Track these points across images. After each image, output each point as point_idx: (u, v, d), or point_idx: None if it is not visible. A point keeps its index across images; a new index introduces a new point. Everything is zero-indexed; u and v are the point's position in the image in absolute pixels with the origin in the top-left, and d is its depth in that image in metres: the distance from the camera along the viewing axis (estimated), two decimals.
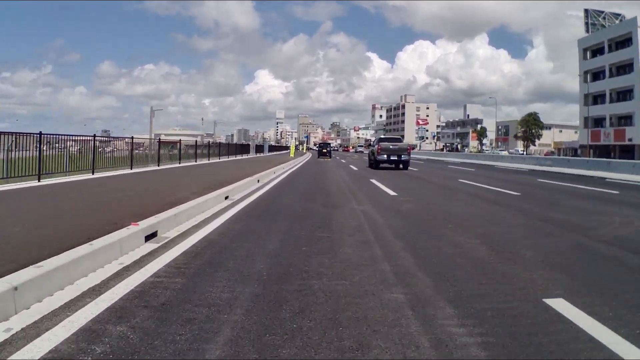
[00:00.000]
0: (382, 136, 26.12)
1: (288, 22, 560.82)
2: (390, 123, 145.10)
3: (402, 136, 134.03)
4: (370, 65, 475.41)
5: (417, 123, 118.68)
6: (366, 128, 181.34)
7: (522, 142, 70.19)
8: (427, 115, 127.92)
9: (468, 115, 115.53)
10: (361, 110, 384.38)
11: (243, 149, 41.77)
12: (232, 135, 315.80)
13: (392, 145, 19.52)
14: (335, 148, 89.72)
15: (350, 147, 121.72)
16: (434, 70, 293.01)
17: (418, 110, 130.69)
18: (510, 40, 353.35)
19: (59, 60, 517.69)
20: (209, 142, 30.00)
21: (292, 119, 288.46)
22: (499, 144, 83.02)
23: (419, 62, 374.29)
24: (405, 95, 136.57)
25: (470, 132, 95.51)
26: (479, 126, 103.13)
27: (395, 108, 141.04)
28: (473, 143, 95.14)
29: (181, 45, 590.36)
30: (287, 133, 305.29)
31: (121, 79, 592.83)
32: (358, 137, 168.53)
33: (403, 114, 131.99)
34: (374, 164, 19.99)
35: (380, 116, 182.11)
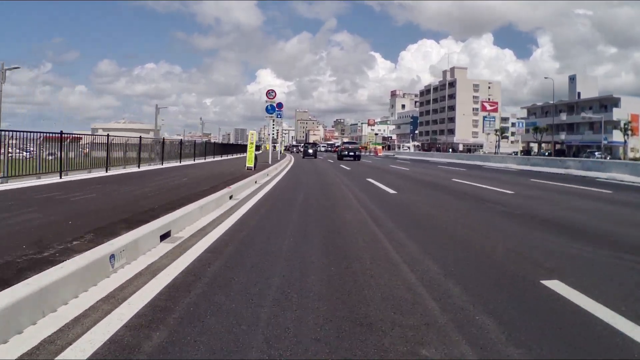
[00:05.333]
0: (344, 141, 59.37)
1: (291, 20, 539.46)
2: (428, 112, 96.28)
3: (451, 130, 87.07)
4: (373, 64, 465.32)
5: (483, 108, 68.55)
6: (384, 122, 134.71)
7: None
8: (490, 96, 79.68)
9: (579, 93, 66.32)
10: (364, 110, 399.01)
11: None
12: (229, 134, 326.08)
13: (350, 146, 38.87)
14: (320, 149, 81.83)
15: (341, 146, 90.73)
16: (438, 71, 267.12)
17: (476, 91, 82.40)
18: (516, 39, 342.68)
19: (58, 59, 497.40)
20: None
21: (292, 119, 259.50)
22: None
23: (422, 62, 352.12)
24: (453, 69, 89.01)
25: (623, 123, 47.06)
26: (615, 112, 54.14)
27: (435, 89, 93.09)
28: (635, 142, 46.70)
29: (182, 43, 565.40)
30: (284, 131, 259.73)
31: (121, 77, 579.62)
32: (376, 134, 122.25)
33: (451, 96, 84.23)
34: (340, 157, 37.21)
35: (403, 106, 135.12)
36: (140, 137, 18.34)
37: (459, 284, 3.41)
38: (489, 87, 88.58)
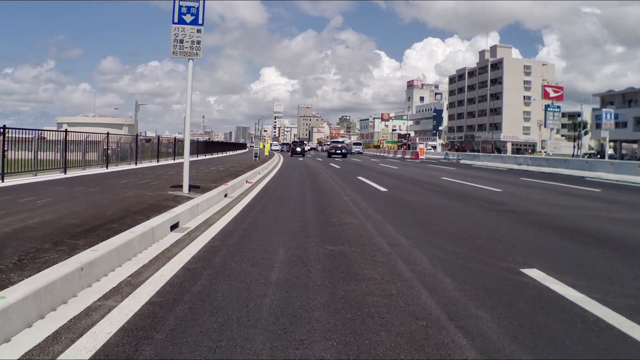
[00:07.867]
0: (333, 140, 58.41)
1: (296, 18, 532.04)
2: (461, 103, 78.57)
3: (496, 125, 69.83)
4: (378, 62, 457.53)
5: (546, 95, 49.62)
6: (400, 117, 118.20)
7: None
8: (544, 81, 62.66)
9: None
10: (368, 109, 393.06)
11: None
12: (231, 133, 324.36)
13: (338, 144, 43.45)
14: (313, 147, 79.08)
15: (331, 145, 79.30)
16: (443, 69, 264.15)
17: (527, 74, 64.86)
18: (523, 37, 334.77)
19: (61, 56, 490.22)
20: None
21: (295, 117, 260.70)
22: None
23: (428, 60, 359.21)
24: (495, 48, 71.70)
25: None
26: None
27: (471, 73, 75.51)
28: None
29: None
30: (286, 129, 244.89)
31: (124, 75, 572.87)
32: (393, 130, 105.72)
33: (495, 81, 66.42)
34: (328, 155, 42.38)
35: (422, 99, 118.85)
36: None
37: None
38: (544, 69, 71.10)
